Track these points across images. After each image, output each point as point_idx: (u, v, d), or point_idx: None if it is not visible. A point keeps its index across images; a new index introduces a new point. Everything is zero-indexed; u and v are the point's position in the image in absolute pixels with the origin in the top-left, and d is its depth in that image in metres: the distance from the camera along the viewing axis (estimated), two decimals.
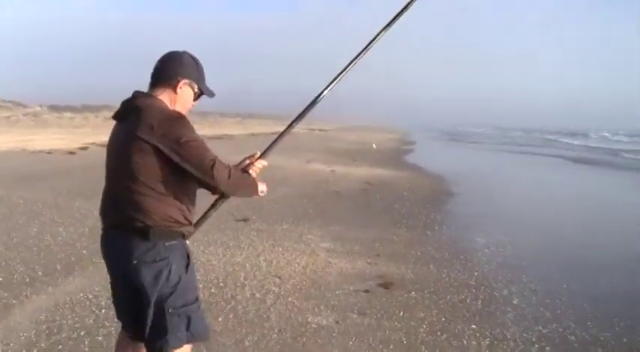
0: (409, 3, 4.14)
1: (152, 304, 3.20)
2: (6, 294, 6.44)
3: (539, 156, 38.62)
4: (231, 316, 6.04)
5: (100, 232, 3.45)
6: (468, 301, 6.92)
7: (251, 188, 3.60)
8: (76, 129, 43.27)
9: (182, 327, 3.26)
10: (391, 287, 7.23)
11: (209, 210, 3.72)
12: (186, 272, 3.32)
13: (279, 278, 7.43)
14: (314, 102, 3.99)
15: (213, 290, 6.81)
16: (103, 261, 3.48)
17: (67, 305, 6.16)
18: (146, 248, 3.17)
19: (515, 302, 6.99)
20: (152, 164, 3.11)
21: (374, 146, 39.56)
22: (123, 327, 3.58)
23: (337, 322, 6.03)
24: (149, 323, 3.23)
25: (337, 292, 6.99)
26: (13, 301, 6.26)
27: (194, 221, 3.47)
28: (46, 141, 28.29)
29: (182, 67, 3.34)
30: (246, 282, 7.17)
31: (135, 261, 3.16)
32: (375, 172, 21.76)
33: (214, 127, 59.78)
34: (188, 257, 3.36)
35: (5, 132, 34.44)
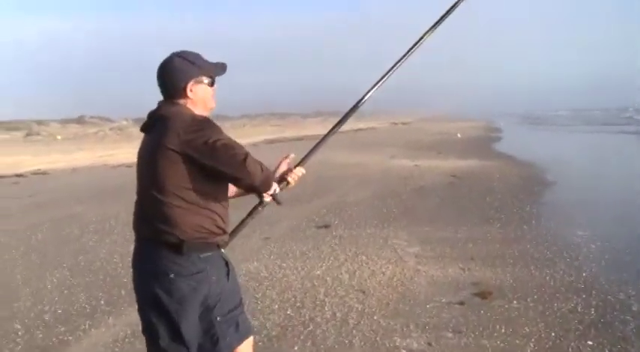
0: (456, 3, 4.19)
1: (195, 315, 3.17)
2: (63, 329, 5.97)
3: (624, 134, 36.78)
4: (309, 343, 5.38)
5: None
6: (579, 310, 6.05)
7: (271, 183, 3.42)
8: None
9: (232, 331, 3.28)
10: (489, 297, 6.43)
11: (246, 217, 3.65)
12: (228, 280, 3.31)
13: (363, 292, 6.74)
14: (356, 107, 4.01)
15: (289, 312, 6.17)
16: None
17: (126, 340, 5.62)
18: (181, 261, 3.12)
19: (635, 308, 6.08)
20: (181, 173, 3.07)
21: (458, 135, 38.47)
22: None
23: (430, 344, 5.29)
24: (193, 337, 3.19)
25: (428, 306, 6.24)
26: (69, 337, 5.77)
27: (229, 230, 3.41)
28: (129, 154, 28.41)
29: (180, 72, 3.25)
30: (326, 300, 6.50)
31: (172, 275, 3.11)
32: (461, 164, 20.79)
33: (295, 128, 59.76)
34: (227, 265, 3.34)
35: (90, 149, 35.03)
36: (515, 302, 6.31)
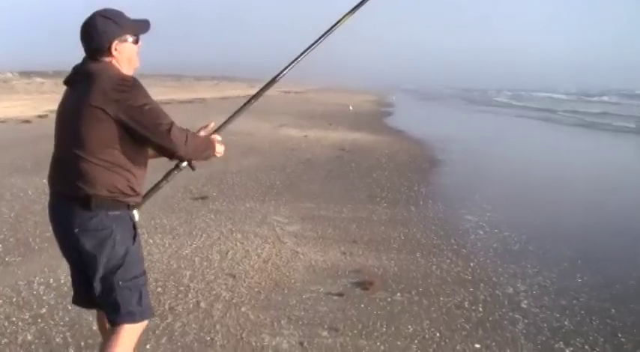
0: None
1: (98, 275, 3.12)
2: None
3: (511, 115, 37.54)
4: (164, 340, 4.62)
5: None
6: (466, 305, 5.56)
7: (209, 149, 3.45)
8: (42, 96, 41.04)
9: (134, 301, 3.19)
10: (371, 288, 5.84)
11: (161, 180, 3.58)
12: (134, 243, 3.24)
13: (234, 277, 6.04)
14: (273, 81, 3.96)
15: None
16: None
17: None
18: (87, 217, 3.08)
19: (524, 305, 5.64)
20: (103, 132, 3.02)
21: (350, 108, 38.13)
22: (79, 304, 3.54)
23: (302, 343, 4.64)
24: (100, 296, 3.16)
25: (304, 296, 5.61)
26: None
27: (143, 192, 3.38)
28: (5, 108, 26.59)
29: (104, 32, 3.14)
30: (191, 285, 5.76)
31: (76, 230, 3.09)
32: (351, 136, 20.33)
33: (188, 91, 58.41)
34: (134, 228, 3.27)
35: None
36: (398, 294, 5.76)
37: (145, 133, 3.05)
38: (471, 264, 6.77)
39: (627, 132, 26.50)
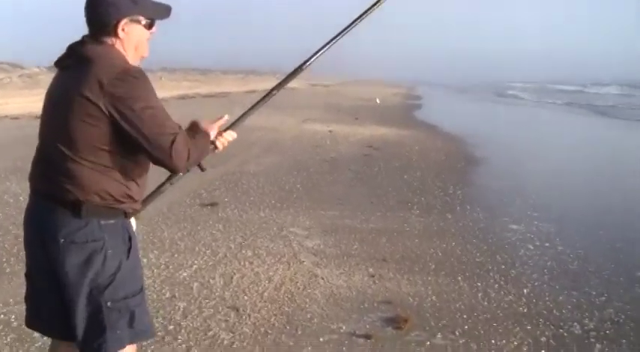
0: None
1: (83, 296, 2.62)
2: None
3: (553, 108, 36.16)
4: None
5: None
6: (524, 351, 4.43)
7: (205, 153, 2.92)
8: None
9: (123, 324, 2.68)
10: (405, 326, 4.73)
11: (164, 183, 3.05)
12: (128, 257, 2.74)
13: (237, 310, 4.96)
14: (299, 69, 3.36)
15: None
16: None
17: None
18: (77, 226, 2.61)
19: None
20: (94, 129, 2.55)
21: (377, 100, 37.01)
22: (38, 329, 3.01)
23: None
24: (80, 320, 2.63)
25: (322, 340, 4.51)
26: None
27: (142, 197, 2.88)
28: (23, 104, 25.77)
29: (112, 5, 2.63)
30: (183, 323, 4.69)
31: (62, 240, 2.60)
32: (379, 132, 19.21)
33: (213, 85, 57.59)
34: (130, 240, 2.77)
35: None
36: (439, 335, 4.64)
37: (142, 142, 2.59)
38: (525, 291, 5.63)
39: None
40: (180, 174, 3.00)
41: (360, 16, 3.47)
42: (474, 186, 10.97)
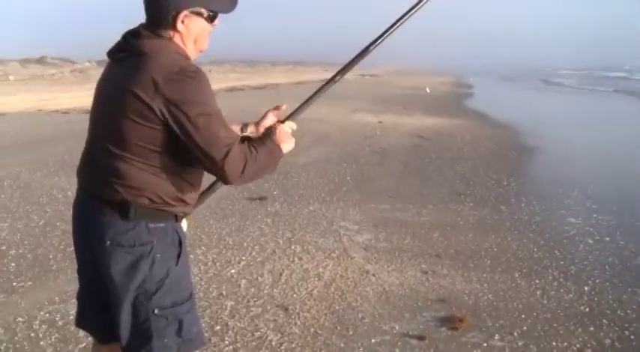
0: None
1: (128, 301, 2.49)
2: None
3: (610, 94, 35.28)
4: None
5: None
6: None
7: (272, 166, 2.70)
8: None
9: (171, 332, 2.55)
10: (460, 326, 4.53)
11: (214, 183, 2.87)
12: (177, 263, 2.59)
13: (286, 309, 4.82)
14: (365, 51, 3.08)
15: None
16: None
17: None
18: (124, 228, 2.47)
19: None
20: (146, 129, 2.38)
21: (427, 90, 36.59)
22: (86, 329, 2.93)
23: None
24: (125, 326, 2.51)
25: (373, 341, 4.33)
26: None
27: (195, 200, 2.71)
28: (76, 98, 26.00)
29: None
30: (230, 323, 4.57)
31: (108, 242, 2.48)
32: (429, 122, 18.93)
33: (262, 76, 57.73)
34: (180, 244, 2.62)
35: (38, 91, 32.33)
36: (497, 336, 4.43)
37: (193, 149, 2.42)
38: (586, 289, 5.38)
39: None
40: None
41: None
42: (529, 176, 10.67)
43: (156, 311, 2.54)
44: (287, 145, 2.81)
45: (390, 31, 3.10)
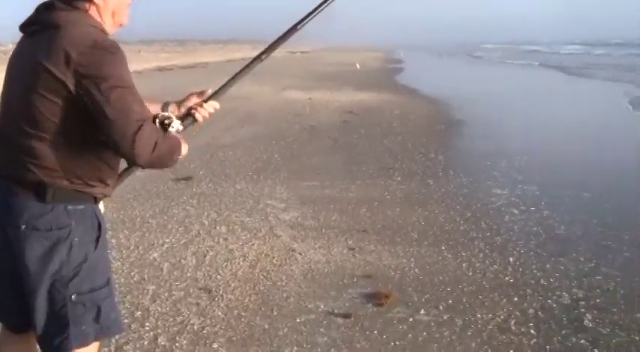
0: None
1: (44, 288, 2.38)
2: None
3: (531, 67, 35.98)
4: None
5: None
6: (512, 326, 4.18)
7: (176, 154, 2.49)
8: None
9: (89, 319, 2.44)
10: (386, 302, 4.49)
11: (125, 170, 2.67)
12: (96, 248, 2.47)
13: (209, 292, 4.70)
14: (293, 29, 2.98)
15: None
16: None
17: None
18: (41, 211, 2.35)
19: (587, 322, 4.25)
20: (60, 107, 2.28)
21: (357, 66, 36.66)
22: (2, 318, 2.68)
23: None
24: (41, 313, 2.40)
25: (298, 320, 4.25)
26: None
27: (114, 181, 2.59)
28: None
29: None
30: (152, 308, 4.42)
31: (23, 227, 2.35)
32: (358, 97, 18.95)
33: (192, 55, 57.07)
34: (99, 227, 2.50)
35: None
36: (422, 311, 4.40)
37: (104, 124, 2.27)
38: (511, 260, 5.41)
39: None
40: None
41: None
42: (456, 149, 10.77)
43: (73, 297, 2.43)
44: (185, 147, 2.64)
45: (319, 9, 3.02)
